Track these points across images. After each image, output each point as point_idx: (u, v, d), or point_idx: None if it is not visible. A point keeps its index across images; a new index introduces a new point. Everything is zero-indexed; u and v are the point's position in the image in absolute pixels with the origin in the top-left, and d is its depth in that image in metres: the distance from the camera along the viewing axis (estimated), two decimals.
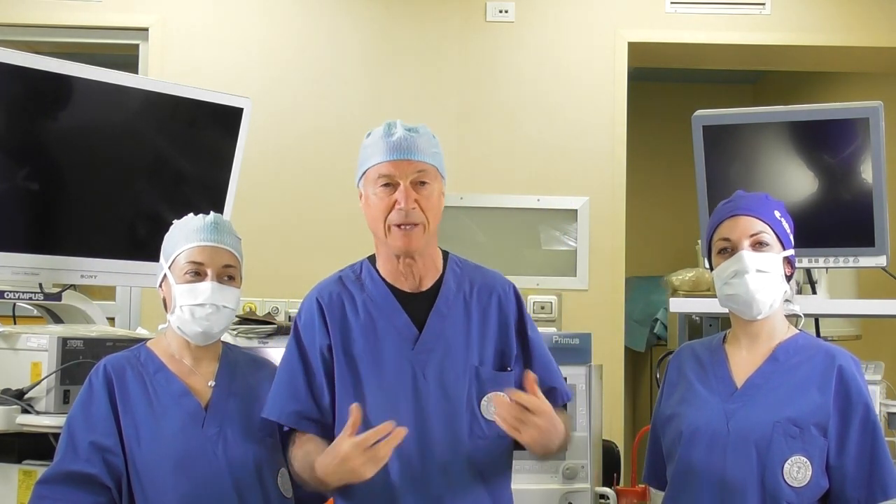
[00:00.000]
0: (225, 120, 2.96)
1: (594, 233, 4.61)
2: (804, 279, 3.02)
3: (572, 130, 4.64)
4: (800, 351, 2.17)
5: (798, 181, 2.94)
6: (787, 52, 4.87)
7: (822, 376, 2.12)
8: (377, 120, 5.15)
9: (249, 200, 4.03)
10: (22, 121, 2.60)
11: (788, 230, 2.19)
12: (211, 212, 2.23)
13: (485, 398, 2.10)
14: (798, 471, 2.07)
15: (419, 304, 2.13)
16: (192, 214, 2.23)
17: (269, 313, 3.63)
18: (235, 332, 2.69)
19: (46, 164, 2.66)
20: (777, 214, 2.18)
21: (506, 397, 1.97)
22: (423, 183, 2.09)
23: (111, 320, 4.37)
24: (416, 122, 2.22)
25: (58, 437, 2.13)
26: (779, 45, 4.77)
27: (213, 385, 2.17)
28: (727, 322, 2.29)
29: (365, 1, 4.70)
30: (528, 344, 2.17)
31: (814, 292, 3.01)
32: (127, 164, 2.81)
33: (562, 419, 2.08)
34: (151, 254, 2.29)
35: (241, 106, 2.98)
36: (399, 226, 2.08)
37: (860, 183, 2.85)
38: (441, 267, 2.18)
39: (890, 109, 2.99)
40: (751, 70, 6.49)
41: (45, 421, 2.35)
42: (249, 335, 2.71)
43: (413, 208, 2.07)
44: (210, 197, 2.89)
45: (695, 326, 3.43)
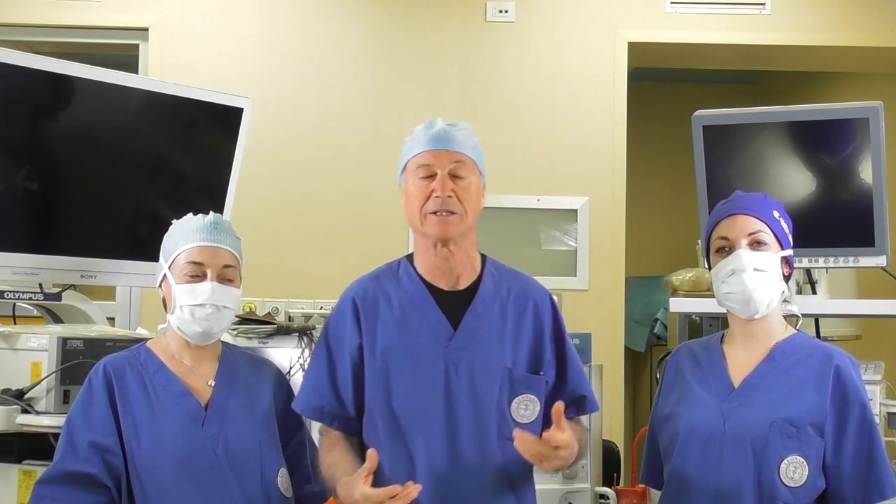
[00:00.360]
0: (225, 120, 2.96)
1: (594, 233, 4.61)
2: (804, 279, 3.02)
3: (572, 130, 4.64)
4: (797, 351, 2.17)
5: (798, 181, 2.94)
6: (787, 52, 4.87)
7: (819, 376, 2.12)
8: (378, 120, 5.18)
9: (249, 200, 4.03)
10: (22, 121, 2.60)
11: (787, 230, 2.19)
12: (211, 212, 2.23)
13: (515, 400, 2.14)
14: (794, 471, 2.07)
15: (455, 303, 2.16)
16: (192, 214, 2.23)
17: (269, 313, 3.63)
18: (235, 332, 2.70)
19: (46, 164, 2.66)
20: (775, 214, 2.18)
21: (528, 434, 2.00)
22: (461, 175, 2.12)
23: (111, 320, 4.38)
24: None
25: (58, 437, 2.13)
26: (779, 45, 4.77)
27: (213, 385, 2.17)
28: (727, 322, 2.29)
29: (365, 1, 4.70)
30: (563, 351, 2.21)
31: (814, 292, 3.01)
32: (127, 165, 2.81)
33: (577, 432, 2.11)
34: (151, 254, 2.29)
35: (241, 106, 2.98)
36: (435, 213, 2.10)
37: (860, 183, 2.85)
38: (479, 268, 2.21)
39: (890, 109, 2.99)
40: (751, 70, 6.48)
41: (45, 421, 2.35)
42: (249, 335, 2.71)
43: (449, 196, 2.10)
44: (210, 197, 2.89)
45: (695, 326, 3.43)
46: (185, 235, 2.18)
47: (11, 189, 2.60)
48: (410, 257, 2.24)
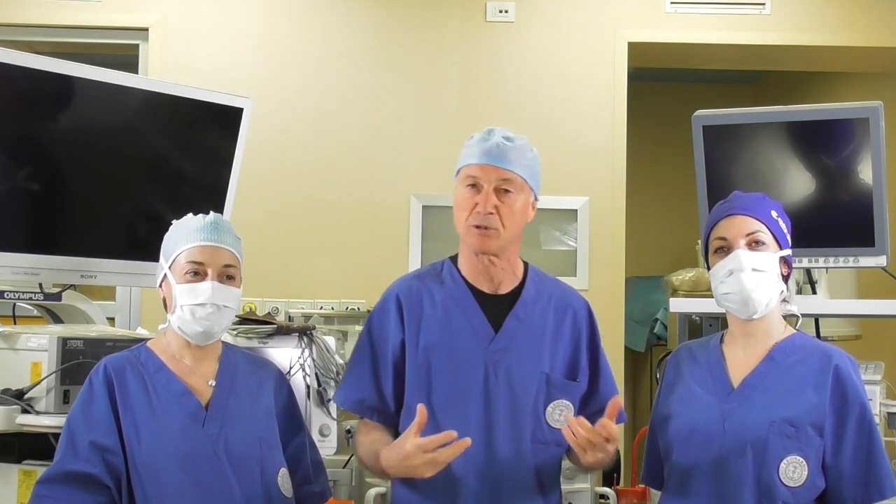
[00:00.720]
0: (225, 120, 2.96)
1: (594, 233, 4.62)
2: (804, 279, 3.02)
3: (572, 130, 4.64)
4: (796, 351, 2.17)
5: (798, 181, 2.94)
6: (787, 52, 4.87)
7: (819, 376, 2.12)
8: (378, 120, 5.18)
9: (249, 200, 4.03)
10: (22, 121, 2.60)
11: (785, 230, 2.19)
12: (211, 212, 2.23)
13: (551, 405, 2.19)
14: (794, 470, 2.07)
15: (497, 307, 2.22)
16: (192, 214, 2.23)
17: (269, 313, 3.63)
18: (235, 332, 2.69)
19: (47, 164, 2.65)
20: (774, 214, 2.18)
21: (583, 419, 2.03)
22: (507, 191, 2.17)
23: (111, 320, 4.38)
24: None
25: (58, 437, 2.12)
26: (779, 45, 4.77)
27: (214, 385, 2.17)
28: (727, 322, 2.29)
29: (365, 1, 4.70)
30: (597, 360, 2.28)
31: (813, 292, 3.01)
32: (127, 164, 2.81)
33: None
34: (151, 254, 2.29)
35: (241, 106, 2.98)
36: (476, 226, 2.16)
37: (860, 183, 2.85)
38: (521, 275, 2.27)
39: (890, 109, 2.99)
40: (751, 70, 6.49)
41: (45, 421, 2.35)
42: (249, 335, 2.71)
43: (491, 213, 2.15)
44: (210, 197, 2.89)
45: (695, 326, 3.43)
46: (186, 235, 2.18)
47: (12, 189, 2.60)
48: (454, 259, 2.29)
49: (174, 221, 2.24)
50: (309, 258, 4.55)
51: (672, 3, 4.70)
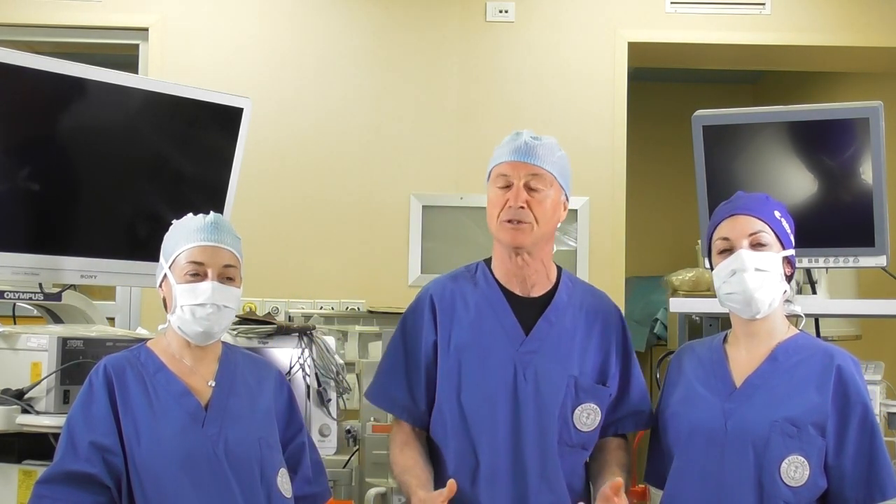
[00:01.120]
0: (225, 120, 2.96)
1: (594, 233, 4.61)
2: (804, 279, 3.02)
3: (572, 130, 4.64)
4: (799, 351, 2.17)
5: (798, 181, 2.94)
6: (787, 52, 4.87)
7: (821, 376, 2.12)
8: (378, 120, 5.18)
9: (249, 200, 4.03)
10: (22, 121, 2.60)
11: (789, 230, 2.19)
12: (211, 212, 2.23)
13: (578, 408, 2.21)
14: (795, 470, 2.07)
15: (528, 309, 2.25)
16: (192, 214, 2.23)
17: (269, 313, 3.63)
18: (235, 332, 2.69)
19: (46, 164, 2.65)
20: (777, 214, 2.18)
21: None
22: (538, 187, 2.20)
23: (111, 320, 4.38)
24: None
25: (58, 437, 2.12)
26: (779, 45, 4.77)
27: (214, 385, 2.17)
28: (727, 322, 2.29)
29: (365, 1, 4.70)
30: (629, 367, 2.31)
31: (814, 292, 3.01)
32: (127, 164, 2.81)
33: (624, 458, 2.27)
34: (151, 254, 2.29)
35: (241, 106, 2.98)
36: (509, 221, 2.19)
37: (860, 183, 2.85)
38: (554, 279, 2.30)
39: (890, 109, 2.98)
40: (751, 70, 6.49)
41: (45, 421, 2.35)
42: (249, 335, 2.71)
43: (521, 207, 2.18)
44: (210, 197, 2.89)
45: (695, 326, 3.43)
46: (186, 235, 2.18)
47: (12, 189, 2.60)
48: (489, 261, 2.32)
49: (174, 221, 2.24)
50: (309, 258, 4.55)
51: (672, 3, 4.70)
